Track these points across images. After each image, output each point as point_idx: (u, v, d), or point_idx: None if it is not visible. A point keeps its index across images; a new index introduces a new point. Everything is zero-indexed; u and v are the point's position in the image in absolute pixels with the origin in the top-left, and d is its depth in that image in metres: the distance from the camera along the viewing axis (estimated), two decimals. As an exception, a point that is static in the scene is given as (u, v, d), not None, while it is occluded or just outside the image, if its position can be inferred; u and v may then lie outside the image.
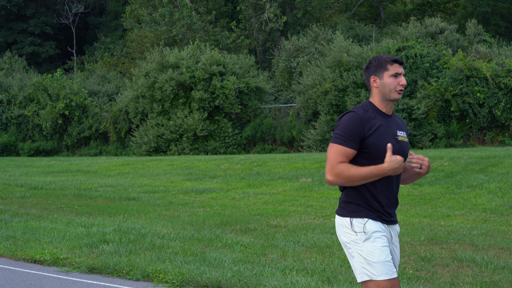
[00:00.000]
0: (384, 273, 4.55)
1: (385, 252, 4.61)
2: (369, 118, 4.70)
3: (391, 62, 4.79)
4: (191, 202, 16.17)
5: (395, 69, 4.78)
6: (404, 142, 4.85)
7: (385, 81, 4.78)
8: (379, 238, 4.64)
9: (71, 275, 9.00)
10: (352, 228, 4.66)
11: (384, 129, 4.73)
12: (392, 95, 4.78)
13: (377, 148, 4.65)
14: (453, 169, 18.78)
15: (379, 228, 4.68)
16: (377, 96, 4.84)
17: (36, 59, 60.41)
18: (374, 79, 4.83)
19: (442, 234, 10.89)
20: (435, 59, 30.03)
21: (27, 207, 15.53)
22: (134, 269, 8.82)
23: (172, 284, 8.26)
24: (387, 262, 4.58)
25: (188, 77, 32.65)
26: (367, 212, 4.68)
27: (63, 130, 38.44)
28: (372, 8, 57.86)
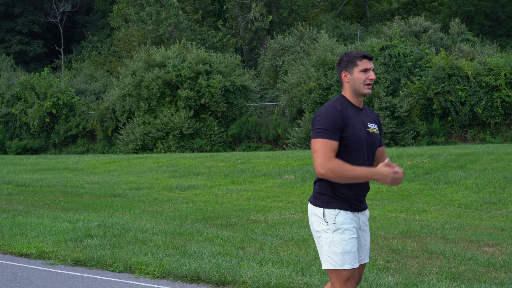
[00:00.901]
0: (346, 263, 4.83)
1: (351, 244, 4.86)
2: (343, 111, 4.88)
3: (360, 58, 4.99)
4: (175, 199, 16.52)
5: (364, 65, 4.98)
6: (375, 134, 5.09)
7: (355, 76, 4.98)
8: (348, 230, 4.89)
9: (57, 267, 9.35)
10: (324, 218, 4.90)
11: (357, 122, 4.94)
12: (362, 89, 4.99)
13: (351, 140, 4.86)
14: (432, 166, 19.17)
15: (349, 219, 4.92)
16: (348, 90, 5.04)
17: (23, 58, 60.53)
18: (345, 74, 5.04)
19: (416, 228, 11.27)
20: (418, 58, 30.45)
21: (14, 204, 15.85)
22: (117, 262, 9.18)
23: (153, 276, 8.62)
24: (352, 253, 4.84)
25: (174, 75, 32.95)
26: (340, 204, 4.91)
27: (51, 129, 38.67)
28: (358, 7, 58.23)
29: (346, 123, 4.85)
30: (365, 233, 5.17)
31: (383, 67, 30.22)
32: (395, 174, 4.76)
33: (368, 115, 5.18)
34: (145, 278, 8.60)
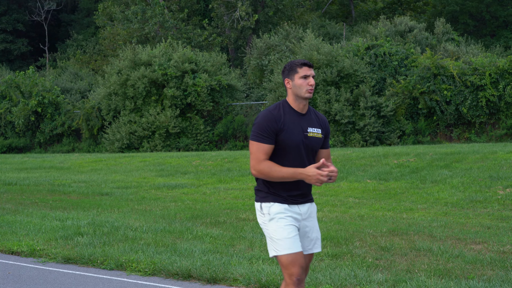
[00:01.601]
0: (286, 248, 5.21)
1: (287, 230, 5.24)
2: (281, 115, 5.31)
3: (300, 66, 5.37)
4: (163, 197, 16.58)
5: (304, 72, 5.34)
6: (314, 137, 5.42)
7: (296, 82, 5.34)
8: (282, 218, 5.27)
9: (48, 265, 9.40)
10: (261, 211, 5.35)
11: (293, 126, 5.31)
12: (303, 94, 5.33)
13: (286, 142, 5.27)
14: (418, 165, 19.32)
15: (283, 210, 5.30)
16: (291, 95, 5.41)
17: (8, 56, 60.28)
18: (287, 81, 5.42)
19: (403, 226, 11.38)
20: (404, 57, 30.63)
21: (2, 202, 15.86)
22: (108, 259, 9.24)
23: (144, 273, 8.70)
24: (288, 239, 5.21)
25: (160, 74, 32.96)
26: (274, 198, 5.31)
27: (36, 127, 38.58)
28: (343, 6, 58.40)
29: (281, 127, 5.27)
30: (309, 223, 5.51)
31: (369, 67, 30.38)
32: (320, 177, 5.07)
33: (312, 119, 5.50)
34: (136, 276, 8.67)
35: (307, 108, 5.48)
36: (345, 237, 10.43)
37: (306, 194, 5.48)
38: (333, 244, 9.97)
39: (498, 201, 13.98)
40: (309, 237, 5.53)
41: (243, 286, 8.03)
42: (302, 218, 5.44)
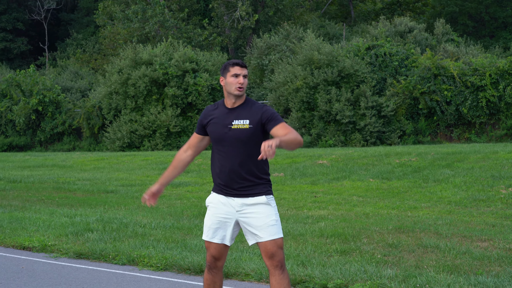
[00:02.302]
0: (204, 235, 5.95)
1: (211, 220, 5.90)
2: (211, 111, 5.90)
3: (232, 65, 5.80)
4: (168, 195, 16.69)
5: (235, 71, 5.77)
6: (238, 129, 5.75)
7: (228, 80, 5.79)
8: (211, 208, 5.94)
9: (60, 260, 9.52)
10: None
11: (218, 120, 5.81)
12: (233, 91, 5.76)
13: (211, 134, 5.87)
14: (420, 164, 19.47)
15: (216, 200, 5.91)
16: (225, 92, 5.86)
17: (7, 55, 60.30)
18: (222, 79, 5.87)
19: (409, 224, 11.51)
20: (404, 57, 30.78)
21: (9, 199, 15.97)
22: (120, 255, 9.36)
23: (156, 268, 8.82)
24: (207, 227, 5.92)
25: (161, 74, 33.07)
26: (214, 187, 5.95)
27: (36, 126, 38.66)
28: (342, 6, 58.54)
29: (208, 122, 5.88)
30: (246, 218, 5.82)
31: (369, 67, 30.52)
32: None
33: (241, 113, 5.81)
34: (148, 270, 8.79)
35: (238, 103, 5.83)
36: (352, 234, 10.55)
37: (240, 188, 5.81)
38: (341, 240, 10.09)
39: (501, 200, 14.11)
40: (246, 229, 5.85)
41: (255, 281, 8.16)
42: (237, 210, 5.83)
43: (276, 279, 5.72)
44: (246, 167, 5.77)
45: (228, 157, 5.77)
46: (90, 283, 8.18)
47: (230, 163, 5.76)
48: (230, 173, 5.78)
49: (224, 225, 5.86)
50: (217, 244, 5.89)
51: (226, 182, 5.81)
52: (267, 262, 5.74)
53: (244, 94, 5.84)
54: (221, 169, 5.81)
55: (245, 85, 5.78)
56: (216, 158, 5.86)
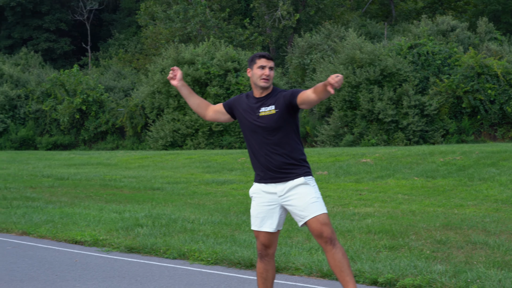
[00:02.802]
0: (252, 225, 6.14)
1: (255, 209, 6.10)
2: (243, 99, 6.10)
3: (259, 57, 5.97)
4: (214, 192, 16.86)
5: (261, 62, 5.94)
6: (266, 116, 5.95)
7: (254, 71, 5.97)
8: (254, 198, 6.13)
9: (112, 254, 9.71)
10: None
11: (247, 109, 6.02)
12: (259, 82, 5.95)
13: (242, 123, 6.07)
14: (465, 163, 19.39)
15: (257, 190, 6.10)
16: (252, 84, 6.06)
17: (51, 55, 61.08)
18: (249, 71, 6.06)
19: (456, 221, 11.51)
20: (447, 56, 30.62)
21: (58, 196, 16.27)
22: (171, 249, 9.52)
23: (207, 262, 8.95)
24: (253, 217, 6.10)
25: (203, 73, 33.31)
26: (255, 178, 6.15)
27: (80, 125, 39.15)
28: (383, 5, 58.34)
29: (237, 108, 6.10)
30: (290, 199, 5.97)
31: (412, 66, 30.43)
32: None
33: (267, 101, 6.01)
34: (199, 264, 8.92)
35: (265, 93, 6.03)
36: (399, 230, 10.58)
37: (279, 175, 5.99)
38: (389, 237, 10.14)
39: (549, 198, 14.04)
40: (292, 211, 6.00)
41: (305, 275, 8.24)
42: (280, 195, 6.00)
43: (330, 255, 5.87)
44: (280, 152, 5.95)
45: (261, 144, 5.95)
46: (144, 276, 8.34)
47: (264, 151, 5.95)
48: (266, 160, 5.95)
49: (270, 213, 6.03)
50: (266, 232, 6.05)
51: (264, 170, 5.99)
52: (318, 240, 5.91)
53: (271, 85, 6.04)
54: (257, 158, 6.00)
55: (271, 77, 5.96)
56: (251, 148, 6.04)
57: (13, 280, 8.16)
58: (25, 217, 12.52)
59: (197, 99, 6.31)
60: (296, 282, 7.99)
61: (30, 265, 9.00)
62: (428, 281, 7.57)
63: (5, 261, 9.30)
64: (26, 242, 10.67)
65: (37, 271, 8.65)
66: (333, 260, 5.86)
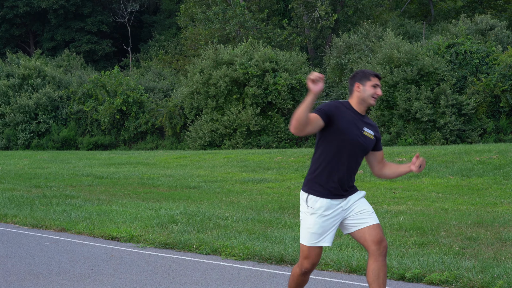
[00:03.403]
0: (307, 241, 5.98)
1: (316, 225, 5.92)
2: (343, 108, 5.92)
3: (373, 76, 6.01)
4: (249, 191, 17.07)
5: (375, 81, 6.00)
6: (369, 138, 6.01)
7: (367, 88, 5.97)
8: (318, 215, 5.92)
9: (147, 249, 9.98)
10: (306, 202, 5.98)
11: (353, 122, 5.90)
12: (369, 100, 5.98)
13: (346, 134, 5.84)
14: (501, 162, 19.36)
15: (323, 205, 5.92)
16: (356, 98, 6.01)
17: (93, 57, 61.87)
18: (358, 85, 6.01)
19: (488, 219, 11.57)
20: (485, 55, 30.45)
21: (96, 194, 16.62)
22: (203, 245, 9.76)
23: (238, 257, 9.17)
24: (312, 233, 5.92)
25: (241, 73, 33.53)
26: (320, 192, 5.92)
27: (121, 125, 39.64)
28: (422, 5, 58.08)
29: (338, 117, 5.82)
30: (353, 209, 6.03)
31: (450, 65, 30.33)
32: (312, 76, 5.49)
33: (368, 122, 6.10)
34: (231, 260, 9.15)
35: (364, 112, 6.06)
36: (430, 227, 10.70)
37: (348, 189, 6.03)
38: (419, 234, 10.26)
39: None
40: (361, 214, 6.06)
41: (334, 271, 8.42)
42: (344, 209, 6.01)
43: (379, 265, 5.88)
44: (355, 172, 6.07)
45: (351, 161, 5.94)
46: (176, 271, 8.58)
47: (349, 166, 5.96)
48: (345, 176, 5.94)
49: (334, 227, 6.01)
50: (320, 248, 6.02)
51: (338, 184, 5.94)
52: (374, 247, 5.88)
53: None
54: (337, 171, 5.92)
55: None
56: (336, 160, 5.92)
57: (50, 274, 8.46)
58: (63, 214, 12.87)
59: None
60: (325, 277, 8.17)
61: (67, 260, 9.30)
62: (455, 277, 7.70)
63: (43, 256, 9.61)
64: (64, 238, 11.00)
65: (73, 265, 8.94)
66: (380, 271, 5.90)
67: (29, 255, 9.60)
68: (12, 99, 41.45)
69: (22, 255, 9.60)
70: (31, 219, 12.38)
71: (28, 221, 12.30)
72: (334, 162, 5.90)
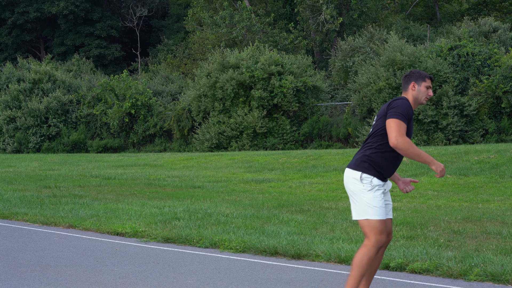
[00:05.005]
0: (379, 215, 6.34)
1: (381, 200, 6.39)
2: (411, 108, 6.41)
3: (428, 77, 6.62)
4: (251, 190, 17.62)
5: (429, 83, 6.62)
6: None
7: (421, 89, 6.58)
8: (378, 190, 6.39)
9: (150, 244, 10.55)
10: (361, 180, 6.34)
11: (412, 118, 6.45)
12: (423, 100, 6.59)
13: (409, 129, 6.41)
14: (498, 161, 19.79)
15: (380, 183, 6.41)
16: (411, 97, 6.59)
17: (102, 61, 62.55)
18: (413, 85, 6.60)
19: (477, 214, 12.08)
20: (487, 57, 30.88)
21: (104, 193, 17.21)
22: (203, 239, 10.34)
23: (235, 250, 9.74)
24: (380, 207, 6.33)
25: (248, 76, 34.04)
26: (375, 173, 6.38)
27: (130, 128, 40.24)
28: (428, 8, 58.45)
29: (410, 118, 6.38)
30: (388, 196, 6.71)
31: (452, 67, 30.77)
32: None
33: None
34: (229, 253, 9.71)
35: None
36: (420, 222, 11.22)
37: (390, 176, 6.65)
38: (409, 228, 10.78)
39: None
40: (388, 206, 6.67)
41: (324, 261, 8.96)
42: (385, 192, 6.61)
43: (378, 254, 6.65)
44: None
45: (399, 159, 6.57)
46: (176, 262, 9.14)
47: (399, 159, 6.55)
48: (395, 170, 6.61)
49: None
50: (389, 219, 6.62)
51: (392, 172, 6.58)
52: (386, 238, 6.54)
53: None
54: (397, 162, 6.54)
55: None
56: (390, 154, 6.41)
57: (58, 266, 9.04)
58: (72, 212, 13.48)
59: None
60: (315, 267, 8.71)
61: (74, 253, 9.88)
62: (435, 265, 8.23)
63: (52, 249, 10.19)
64: (72, 234, 11.59)
65: (80, 258, 9.52)
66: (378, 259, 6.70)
67: (39, 249, 10.19)
68: (23, 103, 42.15)
69: (32, 249, 10.19)
70: (41, 217, 12.99)
71: (38, 219, 12.90)
72: (388, 157, 6.42)
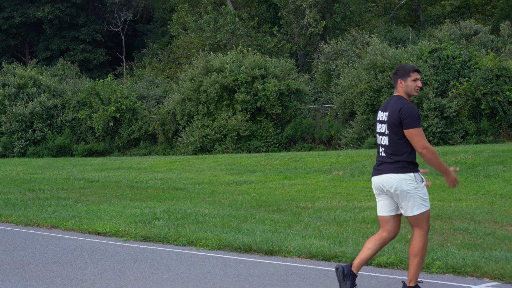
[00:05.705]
0: (427, 205, 7.02)
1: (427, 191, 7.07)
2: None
3: (413, 71, 7.01)
4: (232, 191, 17.98)
5: (415, 76, 7.01)
6: None
7: (408, 83, 6.99)
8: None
9: (129, 242, 10.91)
10: (415, 179, 6.92)
11: None
12: (413, 92, 7.00)
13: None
14: (475, 162, 20.19)
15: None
16: (403, 93, 7.03)
17: (87, 66, 62.72)
18: (400, 82, 7.05)
19: (448, 212, 12.47)
20: (467, 59, 31.33)
21: (87, 196, 17.54)
22: (181, 237, 10.71)
23: (211, 248, 10.11)
24: (427, 198, 7.03)
25: (231, 80, 34.37)
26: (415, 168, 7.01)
27: (114, 132, 40.51)
28: (411, 11, 58.90)
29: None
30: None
31: (432, 69, 31.20)
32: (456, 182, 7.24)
33: None
34: (205, 250, 10.09)
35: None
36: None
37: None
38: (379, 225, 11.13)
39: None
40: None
41: (295, 257, 9.34)
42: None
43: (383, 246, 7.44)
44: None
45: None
46: (153, 259, 9.50)
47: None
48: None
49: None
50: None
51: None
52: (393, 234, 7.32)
53: None
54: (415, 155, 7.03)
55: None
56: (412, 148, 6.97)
57: (39, 263, 9.38)
58: (55, 213, 13.82)
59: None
60: (286, 262, 9.08)
61: (56, 252, 10.23)
62: (400, 259, 8.63)
63: (35, 249, 10.54)
64: (54, 234, 11.94)
65: (61, 256, 9.87)
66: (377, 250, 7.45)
67: (22, 248, 10.53)
68: (8, 108, 42.42)
69: (15, 249, 10.53)
70: (24, 218, 13.33)
71: (22, 220, 13.24)
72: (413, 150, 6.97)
